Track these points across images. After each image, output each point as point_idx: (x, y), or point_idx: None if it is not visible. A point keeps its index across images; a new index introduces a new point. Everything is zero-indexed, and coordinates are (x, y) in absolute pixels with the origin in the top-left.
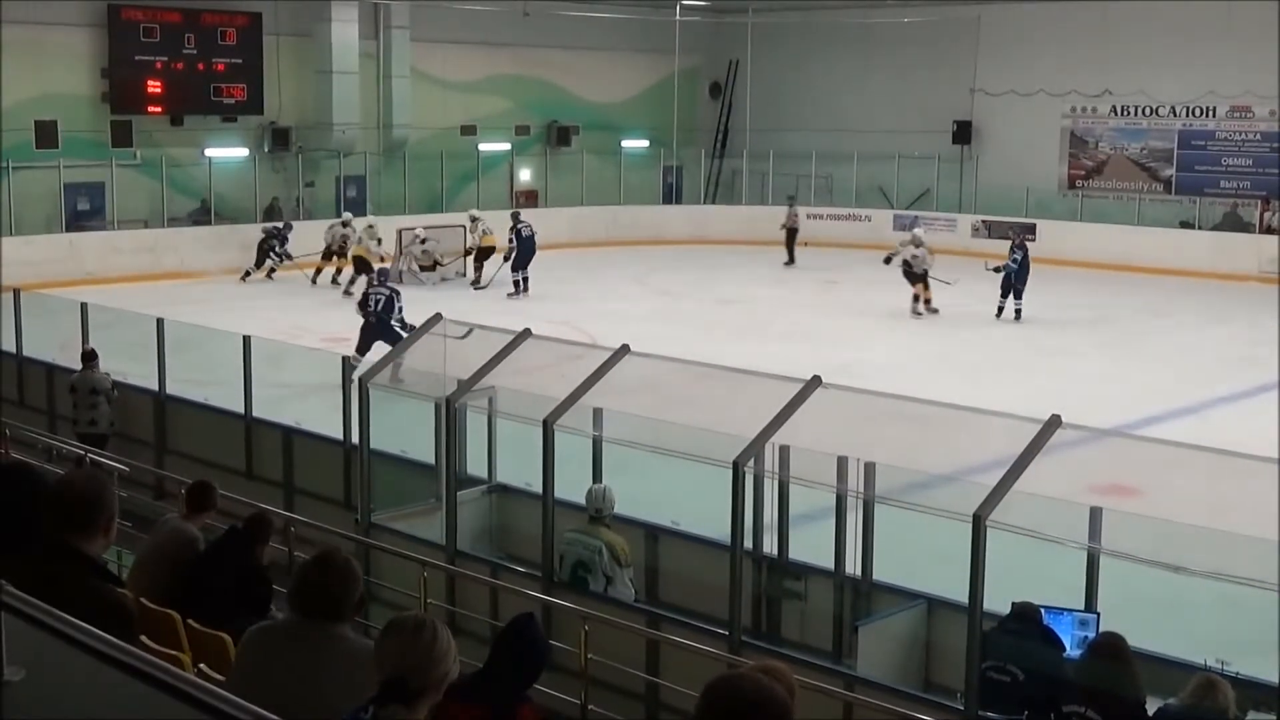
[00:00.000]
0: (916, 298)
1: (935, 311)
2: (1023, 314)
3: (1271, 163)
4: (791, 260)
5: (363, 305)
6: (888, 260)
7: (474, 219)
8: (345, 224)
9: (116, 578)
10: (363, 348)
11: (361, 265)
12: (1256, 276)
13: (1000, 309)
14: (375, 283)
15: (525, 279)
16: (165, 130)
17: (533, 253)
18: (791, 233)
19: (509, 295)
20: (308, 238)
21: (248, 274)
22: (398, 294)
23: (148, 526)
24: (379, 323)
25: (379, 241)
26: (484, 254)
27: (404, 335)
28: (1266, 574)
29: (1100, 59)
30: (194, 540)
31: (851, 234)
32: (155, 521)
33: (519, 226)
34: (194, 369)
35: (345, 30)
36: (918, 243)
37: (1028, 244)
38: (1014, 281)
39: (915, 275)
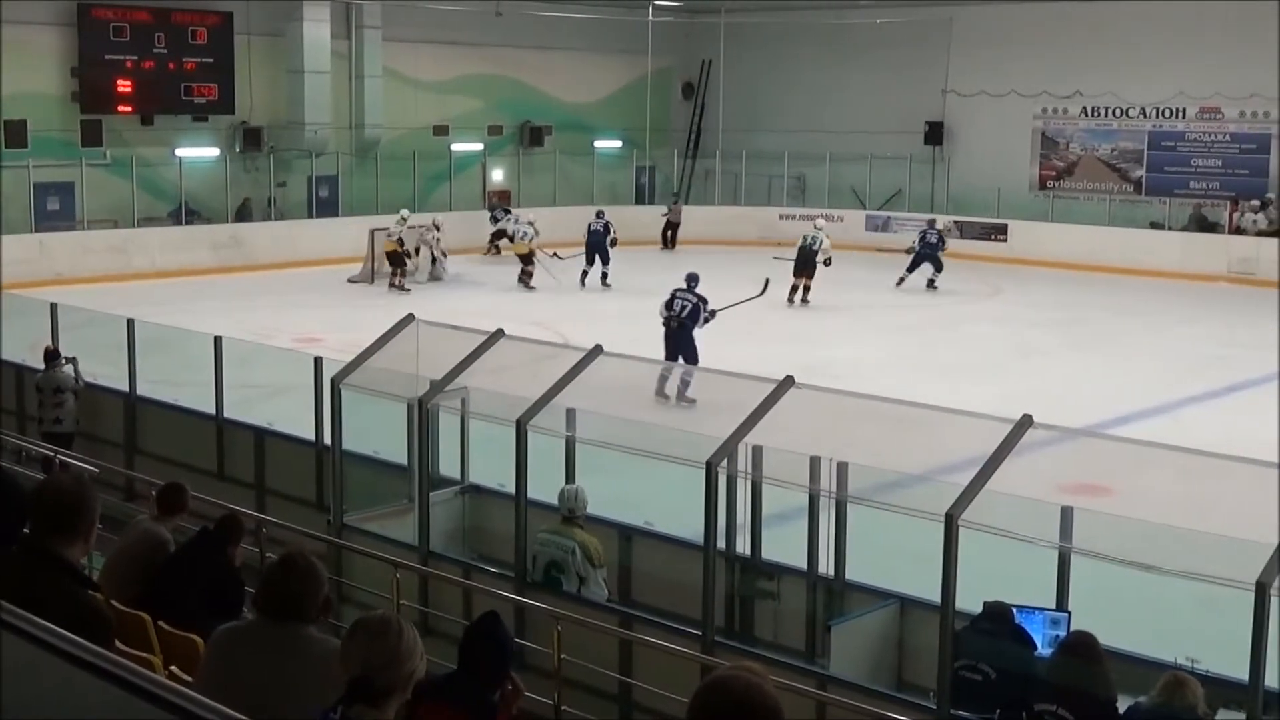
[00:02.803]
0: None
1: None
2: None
3: (1240, 164)
4: (672, 247)
5: (668, 307)
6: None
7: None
8: (403, 219)
9: (94, 583)
10: (671, 354)
11: (395, 260)
12: (1226, 277)
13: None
14: (684, 288)
15: (604, 274)
16: (135, 130)
17: (598, 247)
18: (674, 226)
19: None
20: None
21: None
22: (704, 301)
23: (118, 528)
24: (681, 329)
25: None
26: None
27: (698, 351)
28: (1237, 572)
29: (1071, 60)
30: (165, 542)
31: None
32: (126, 523)
33: (590, 223)
34: (165, 370)
35: (317, 30)
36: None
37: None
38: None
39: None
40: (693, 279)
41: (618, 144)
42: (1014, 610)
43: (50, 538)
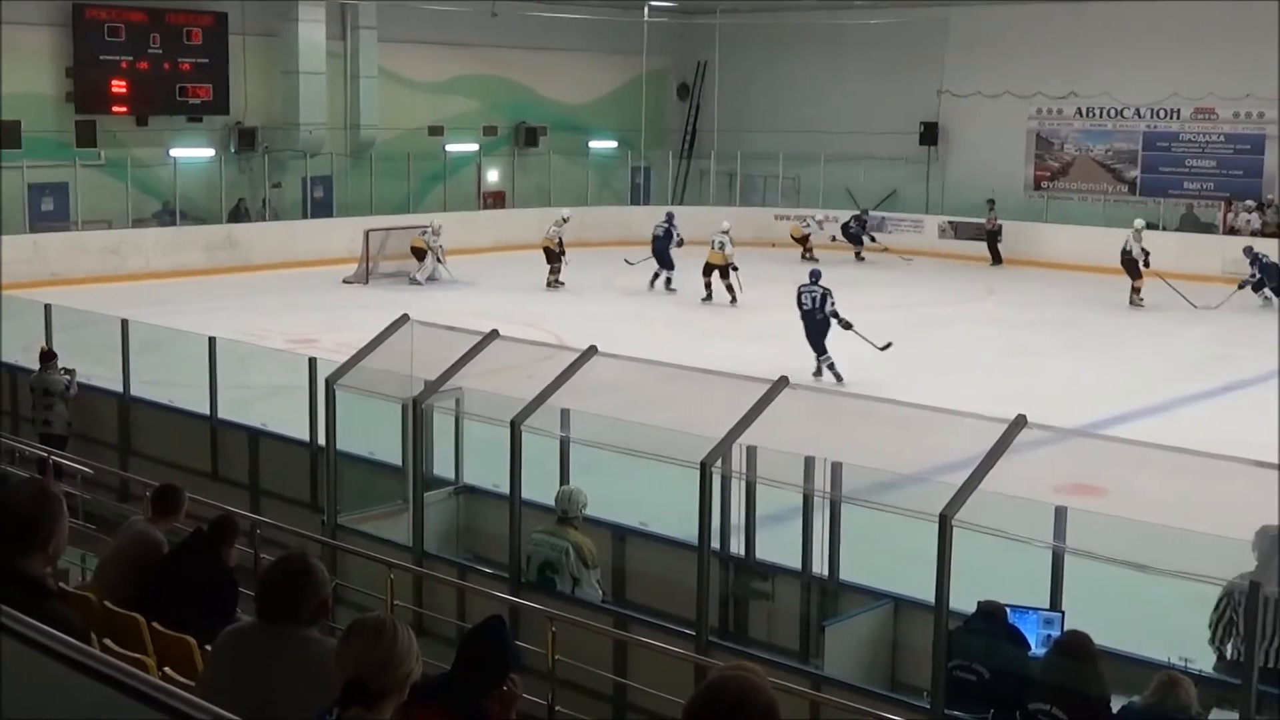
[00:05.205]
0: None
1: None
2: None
3: (1235, 164)
4: (998, 260)
5: (799, 304)
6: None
7: (565, 219)
8: (564, 220)
9: (55, 592)
10: (812, 343)
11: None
12: (1221, 277)
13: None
14: (808, 283)
15: (661, 276)
16: (130, 130)
17: (659, 251)
18: (992, 234)
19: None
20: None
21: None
22: (830, 292)
23: (112, 529)
24: (819, 320)
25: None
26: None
27: (829, 337)
28: (1231, 572)
29: (1066, 61)
30: (158, 543)
31: (819, 235)
32: (119, 524)
33: (654, 226)
34: (160, 371)
35: (312, 30)
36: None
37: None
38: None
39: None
40: (815, 275)
41: (613, 145)
42: (1008, 610)
43: (7, 552)
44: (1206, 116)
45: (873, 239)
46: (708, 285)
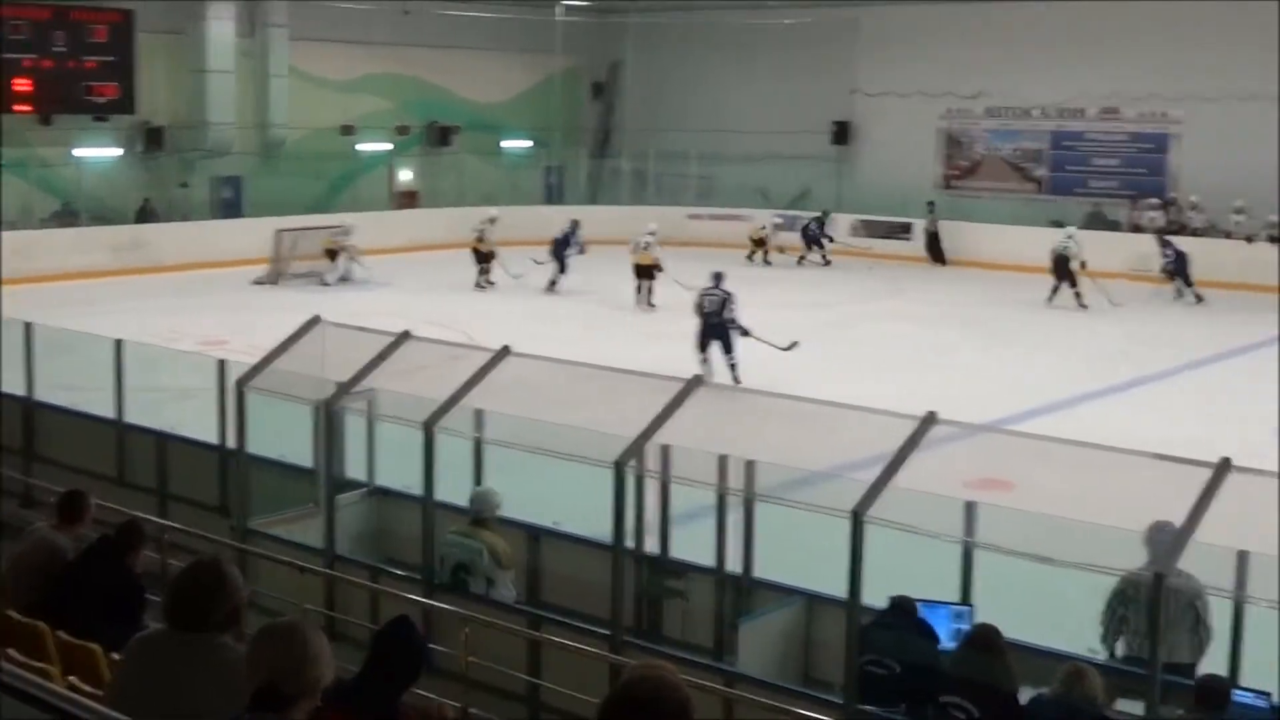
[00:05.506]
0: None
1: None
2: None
3: (1139, 163)
4: (942, 261)
5: (699, 308)
6: None
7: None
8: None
9: None
10: (701, 347)
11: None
12: (1127, 274)
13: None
14: (710, 286)
15: (552, 275)
16: (34, 130)
17: (554, 253)
18: (933, 236)
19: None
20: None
21: (801, 258)
22: (731, 296)
23: (16, 536)
24: (715, 324)
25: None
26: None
27: (736, 338)
28: (1132, 564)
29: (975, 61)
30: (62, 550)
31: (732, 233)
32: (23, 531)
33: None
34: (67, 374)
35: (221, 28)
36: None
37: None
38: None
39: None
40: (718, 276)
41: (526, 144)
42: (919, 605)
43: None
44: (1112, 116)
45: (831, 240)
46: (642, 288)
